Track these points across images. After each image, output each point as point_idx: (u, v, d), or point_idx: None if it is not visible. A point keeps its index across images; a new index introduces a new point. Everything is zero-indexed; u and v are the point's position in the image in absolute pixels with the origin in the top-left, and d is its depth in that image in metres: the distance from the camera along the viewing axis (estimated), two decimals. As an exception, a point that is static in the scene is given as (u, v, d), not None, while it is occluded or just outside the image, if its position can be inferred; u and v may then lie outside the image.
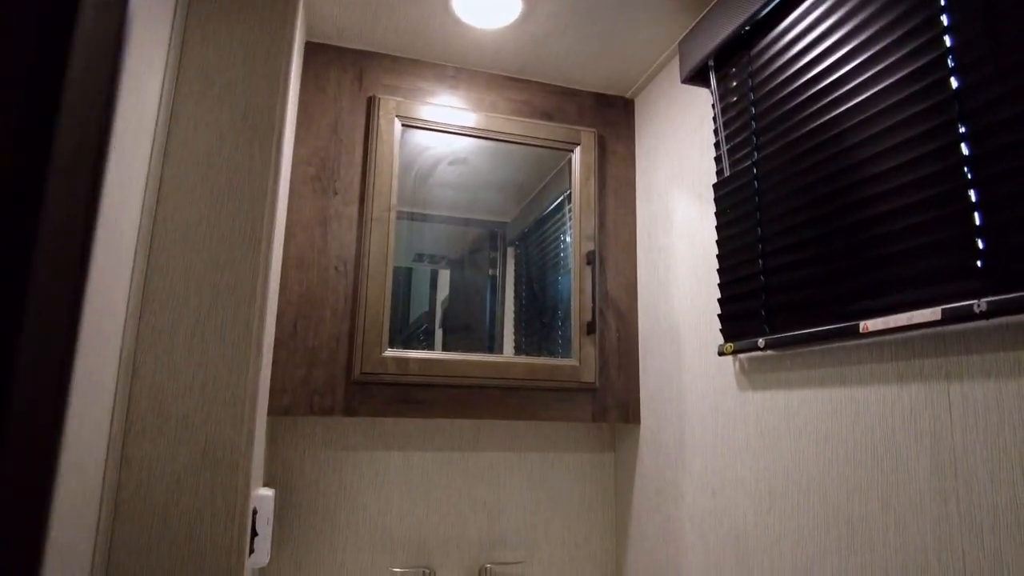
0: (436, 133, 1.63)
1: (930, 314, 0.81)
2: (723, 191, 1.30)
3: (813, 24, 1.09)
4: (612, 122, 1.80)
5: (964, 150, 0.79)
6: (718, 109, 1.34)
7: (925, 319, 0.82)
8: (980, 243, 0.77)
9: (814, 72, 1.07)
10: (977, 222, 0.78)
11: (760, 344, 1.13)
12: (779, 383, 1.13)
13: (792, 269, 1.10)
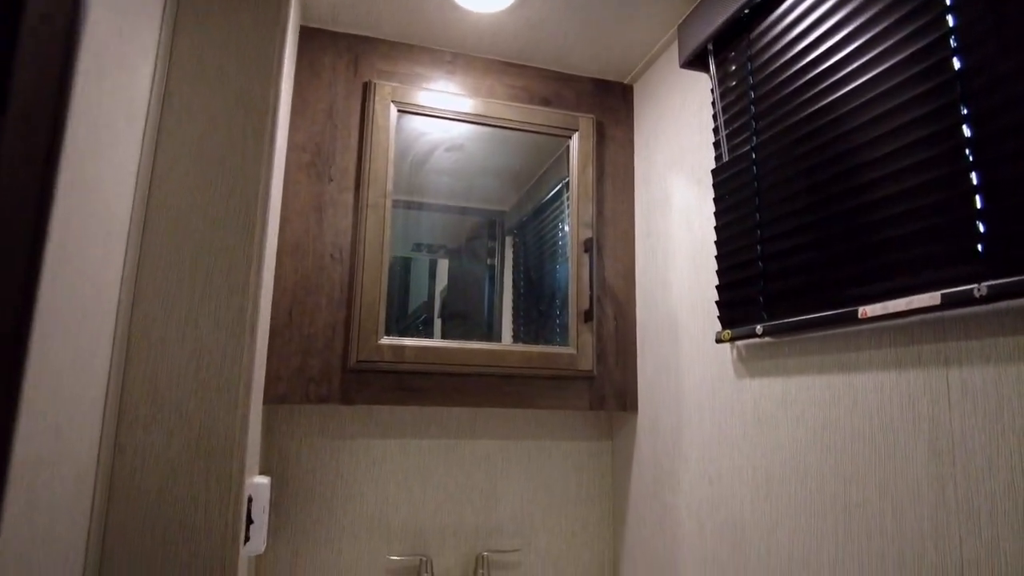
0: (432, 119, 1.61)
1: (929, 299, 0.80)
2: (722, 176, 1.28)
3: (813, 6, 1.07)
4: (611, 108, 1.78)
5: (966, 132, 0.78)
6: (717, 94, 1.32)
7: (924, 304, 0.81)
8: (981, 227, 0.76)
9: (814, 55, 1.06)
10: (978, 205, 0.76)
11: (758, 331, 1.13)
12: (777, 370, 1.13)
13: (791, 254, 1.08)
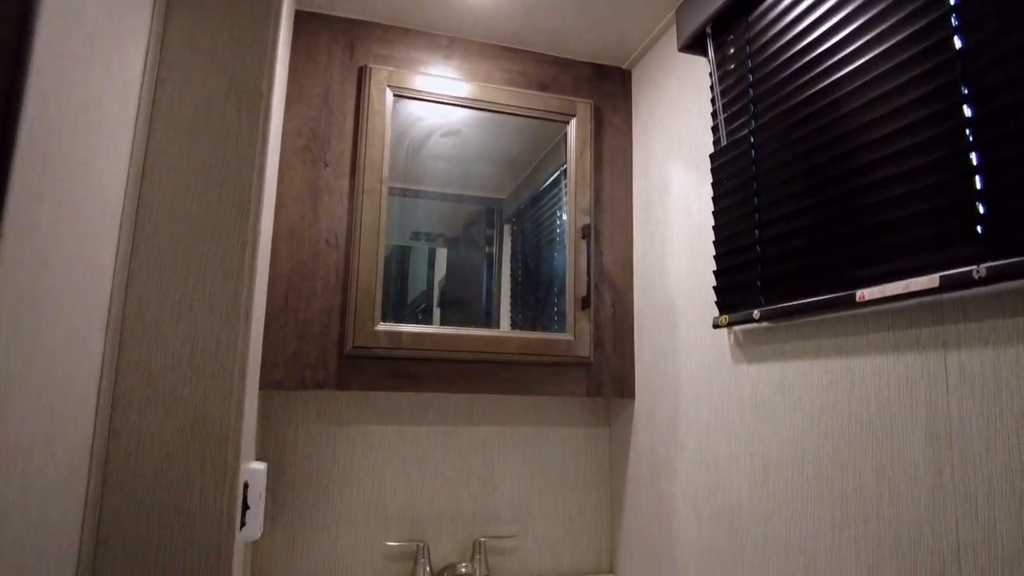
0: (429, 104, 1.60)
1: (928, 281, 0.79)
2: (720, 161, 1.27)
3: (814, -14, 1.06)
4: (608, 94, 1.77)
5: (966, 112, 0.77)
6: (715, 77, 1.31)
7: (923, 286, 0.80)
8: (981, 208, 0.75)
9: (813, 36, 1.04)
10: (978, 186, 0.76)
11: (755, 316, 1.12)
12: (774, 355, 1.12)
13: (789, 238, 1.08)
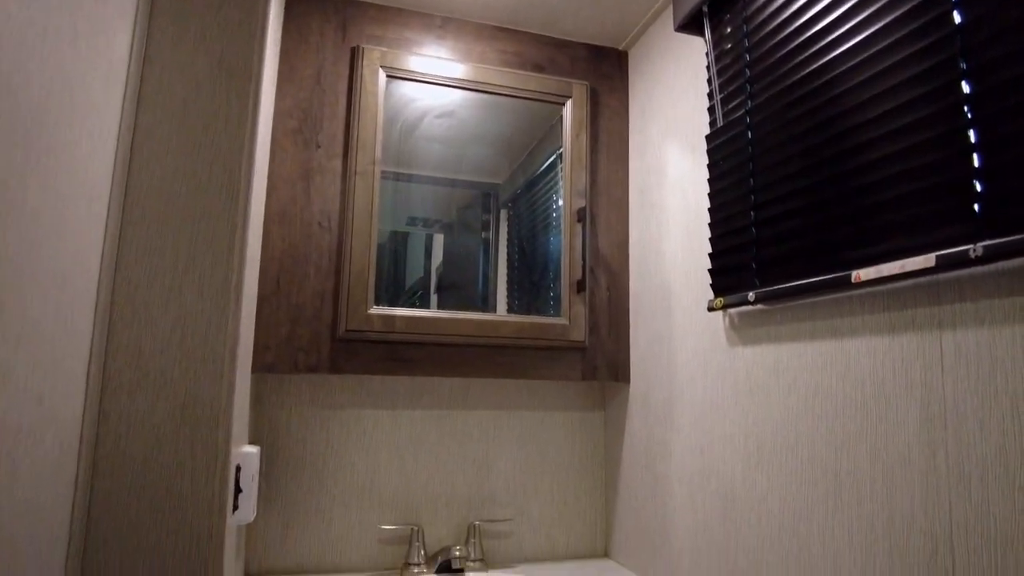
0: (423, 84, 1.58)
1: (923, 261, 0.78)
2: (716, 142, 1.26)
3: (812, -37, 1.04)
4: (605, 75, 1.75)
5: (965, 88, 0.76)
6: (712, 57, 1.29)
7: (918, 267, 0.79)
8: (978, 185, 0.74)
9: (810, 14, 1.02)
10: (976, 164, 0.74)
11: (750, 298, 1.11)
12: (769, 337, 1.11)
13: (784, 219, 1.06)
